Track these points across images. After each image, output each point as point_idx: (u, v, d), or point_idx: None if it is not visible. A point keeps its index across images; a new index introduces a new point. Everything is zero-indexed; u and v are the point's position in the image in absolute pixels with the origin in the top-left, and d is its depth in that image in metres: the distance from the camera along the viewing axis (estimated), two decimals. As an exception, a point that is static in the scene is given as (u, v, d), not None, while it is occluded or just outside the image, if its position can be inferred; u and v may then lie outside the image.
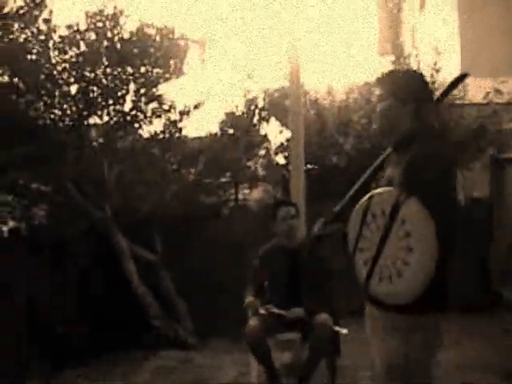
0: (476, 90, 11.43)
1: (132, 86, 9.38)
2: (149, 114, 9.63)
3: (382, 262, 3.24)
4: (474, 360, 7.53)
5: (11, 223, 9.69)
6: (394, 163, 3.53)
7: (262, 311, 5.93)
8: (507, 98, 11.03)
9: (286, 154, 10.90)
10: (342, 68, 13.58)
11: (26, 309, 8.79)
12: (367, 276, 3.31)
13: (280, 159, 11.57)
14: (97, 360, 8.70)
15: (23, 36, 8.79)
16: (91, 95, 9.14)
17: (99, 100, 9.21)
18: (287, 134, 10.58)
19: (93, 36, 9.10)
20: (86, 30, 9.06)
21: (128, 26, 9.27)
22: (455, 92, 11.31)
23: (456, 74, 12.35)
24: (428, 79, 10.85)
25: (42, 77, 8.83)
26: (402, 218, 3.16)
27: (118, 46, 9.16)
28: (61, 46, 8.97)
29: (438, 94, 11.44)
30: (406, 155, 3.34)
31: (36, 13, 8.72)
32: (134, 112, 9.51)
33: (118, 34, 9.17)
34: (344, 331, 6.05)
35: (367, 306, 3.55)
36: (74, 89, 9.17)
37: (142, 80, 9.37)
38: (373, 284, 3.29)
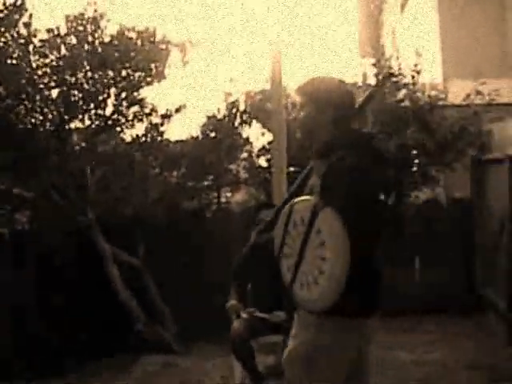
0: (457, 92, 11.48)
1: (113, 90, 9.36)
2: (130, 117, 9.61)
3: (302, 269, 3.30)
4: (461, 360, 7.56)
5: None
6: (316, 172, 3.55)
7: (244, 315, 5.93)
8: (488, 99, 11.08)
9: (268, 156, 10.90)
10: (323, 70, 13.61)
11: (10, 314, 8.75)
12: (290, 281, 3.37)
13: (262, 162, 11.57)
14: (82, 366, 8.67)
15: (3, 40, 8.74)
16: (72, 99, 9.11)
17: (80, 104, 9.18)
18: (269, 136, 10.59)
19: (73, 40, 9.07)
20: (67, 34, 9.03)
21: (109, 30, 9.25)
22: (437, 93, 11.38)
23: (437, 75, 12.39)
24: (409, 81, 10.86)
25: (23, 81, 8.78)
26: (318, 227, 3.21)
27: (99, 49, 9.13)
28: (41, 49, 8.94)
29: (417, 95, 11.36)
30: (325, 164, 3.34)
31: (16, 16, 8.68)
32: (115, 116, 9.48)
33: (99, 37, 9.14)
34: None
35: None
36: (54, 93, 9.14)
37: (124, 84, 9.35)
38: (295, 289, 3.35)
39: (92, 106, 9.26)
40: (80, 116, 9.28)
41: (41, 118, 9.17)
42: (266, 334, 6.00)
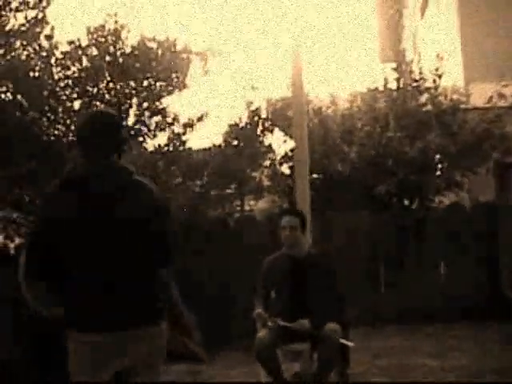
0: (479, 95, 11.42)
1: (135, 100, 9.40)
2: (152, 127, 9.64)
3: None
4: (488, 366, 7.48)
5: (17, 240, 9.69)
6: None
7: (269, 323, 5.92)
8: (510, 101, 11.00)
9: (291, 163, 10.89)
10: (345, 76, 13.59)
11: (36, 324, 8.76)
12: None
13: (285, 169, 11.57)
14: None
15: (25, 53, 8.81)
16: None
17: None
18: (291, 143, 10.58)
19: (95, 51, 9.13)
20: (88, 46, 9.09)
21: (129, 41, 9.29)
22: (459, 97, 11.33)
23: (459, 78, 12.31)
24: (431, 84, 10.84)
25: (45, 93, 8.84)
26: None
27: (120, 60, 9.18)
28: (63, 62, 9.00)
29: (439, 99, 11.33)
30: None
31: (37, 29, 8.75)
32: (137, 126, 9.52)
33: (120, 48, 9.19)
34: (350, 344, 6.04)
35: None
36: (77, 104, 9.19)
37: (145, 94, 9.39)
38: None
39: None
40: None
41: (63, 129, 9.23)
42: (291, 341, 5.99)
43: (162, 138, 9.83)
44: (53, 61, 8.95)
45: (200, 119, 9.90)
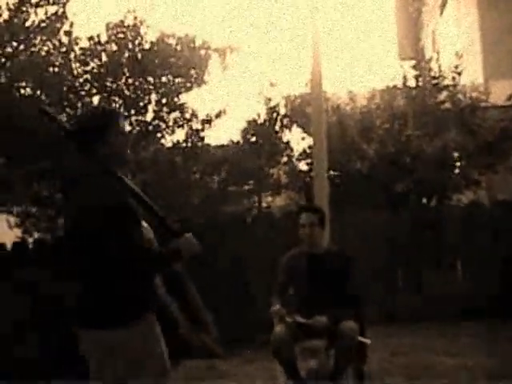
0: (499, 92, 11.37)
1: (154, 96, 9.43)
2: (171, 123, 9.67)
3: None
4: (505, 365, 7.45)
5: (36, 234, 9.75)
6: None
7: (288, 319, 5.91)
8: (531, 99, 10.96)
9: (309, 160, 10.88)
10: (364, 74, 13.56)
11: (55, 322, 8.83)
12: None
13: (303, 166, 11.56)
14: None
15: (45, 49, 8.85)
16: (113, 106, 9.18)
17: (121, 110, 9.25)
18: (309, 140, 10.56)
19: (114, 47, 9.16)
20: (107, 42, 9.12)
21: (149, 37, 9.32)
22: (478, 94, 11.27)
23: (478, 76, 12.27)
24: (450, 82, 10.80)
25: (65, 89, 8.88)
26: None
27: (139, 56, 9.20)
28: (82, 57, 9.04)
29: (458, 97, 11.28)
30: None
31: (57, 25, 8.79)
32: (156, 122, 9.54)
33: (139, 44, 9.22)
34: (367, 341, 6.03)
35: None
36: (96, 100, 9.22)
37: (164, 90, 9.41)
38: None
39: (133, 112, 9.33)
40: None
41: (82, 124, 9.26)
42: (307, 338, 5.99)
43: (180, 134, 9.85)
44: (72, 56, 9.00)
45: (218, 115, 9.92)
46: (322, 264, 6.15)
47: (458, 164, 11.30)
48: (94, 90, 9.15)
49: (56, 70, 8.90)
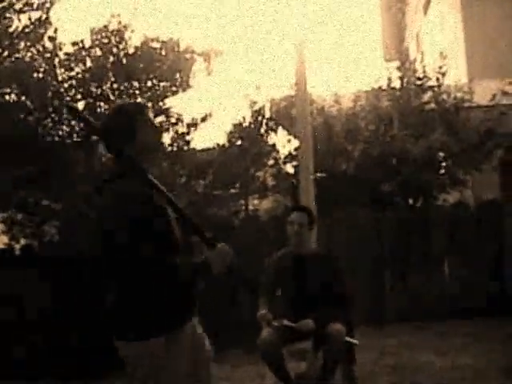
0: (482, 93, 11.42)
1: (139, 100, 9.41)
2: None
3: None
4: (493, 364, 7.48)
5: (22, 241, 9.72)
6: None
7: (275, 323, 5.91)
8: (514, 99, 11.02)
9: (295, 163, 10.90)
10: (348, 75, 13.59)
11: (39, 324, 8.81)
12: None
13: (289, 168, 11.57)
14: (113, 377, 8.68)
15: (29, 54, 8.83)
16: (98, 111, 9.17)
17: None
18: (295, 143, 10.58)
19: (98, 52, 9.15)
20: (92, 47, 9.11)
21: (133, 41, 9.31)
22: (462, 95, 11.33)
23: (462, 76, 12.32)
24: (434, 83, 10.84)
25: (50, 94, 8.86)
26: None
27: (124, 61, 9.19)
28: (67, 63, 9.02)
29: (443, 97, 11.31)
30: None
31: (41, 31, 8.78)
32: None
33: (124, 49, 9.21)
34: (355, 342, 6.05)
35: None
36: (81, 105, 9.21)
37: (149, 94, 9.41)
38: None
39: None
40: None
41: (68, 130, 9.25)
42: (295, 341, 5.99)
43: (166, 138, 9.85)
44: (56, 62, 8.98)
45: (204, 119, 9.92)
46: (308, 265, 6.15)
47: (444, 164, 11.35)
48: (79, 96, 9.13)
49: (40, 75, 8.88)
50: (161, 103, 9.57)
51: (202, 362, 3.61)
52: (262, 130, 11.09)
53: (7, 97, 8.94)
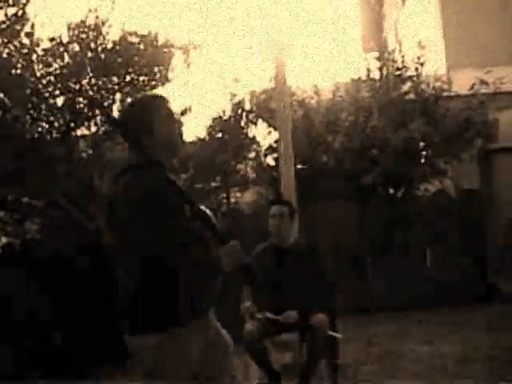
0: (462, 82, 11.47)
1: (118, 96, 9.37)
2: (136, 122, 9.62)
3: None
4: (476, 351, 7.54)
5: (3, 239, 9.67)
6: None
7: (258, 316, 5.93)
8: (493, 88, 11.06)
9: (276, 155, 10.90)
10: (327, 67, 13.57)
11: (23, 325, 8.78)
12: None
13: (270, 161, 11.57)
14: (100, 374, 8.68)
15: (6, 51, 8.76)
16: (78, 107, 9.13)
17: (86, 111, 9.20)
18: (276, 135, 10.58)
19: (76, 47, 9.08)
20: (69, 42, 9.04)
21: (111, 36, 9.26)
22: (441, 84, 11.37)
23: (441, 66, 12.29)
24: (413, 73, 10.85)
25: (28, 91, 8.80)
26: None
27: (102, 56, 9.14)
28: (45, 58, 8.95)
29: (422, 87, 11.32)
30: None
31: (18, 27, 8.70)
32: (121, 121, 9.49)
33: (102, 44, 9.15)
34: (338, 336, 6.08)
35: None
36: (60, 101, 9.16)
37: (128, 89, 9.36)
38: None
39: (97, 112, 9.28)
40: (86, 123, 9.29)
41: (47, 126, 9.20)
42: (279, 333, 6.01)
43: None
44: (34, 58, 8.91)
45: (183, 113, 9.89)
46: (290, 257, 6.18)
47: (424, 154, 11.39)
48: (58, 91, 9.08)
49: (18, 72, 8.82)
50: (140, 97, 9.53)
51: (217, 358, 3.53)
52: (242, 123, 11.07)
53: (-15, 94, 8.89)
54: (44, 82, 9.01)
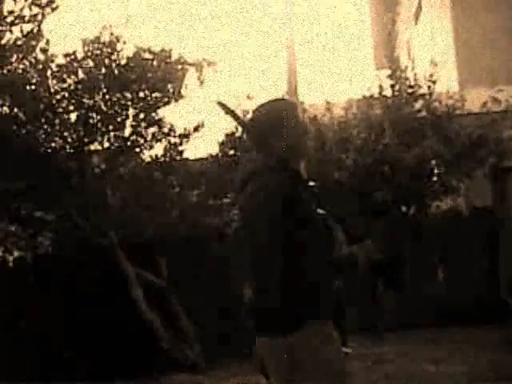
0: (474, 100, 11.47)
1: (131, 111, 9.42)
2: (149, 138, 9.67)
3: None
4: (487, 372, 7.49)
5: (16, 253, 9.72)
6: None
7: None
8: (505, 106, 11.06)
9: (288, 172, 10.89)
10: (340, 84, 13.62)
11: (37, 338, 8.81)
12: None
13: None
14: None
15: (21, 66, 8.83)
16: (91, 122, 9.19)
17: (99, 126, 9.25)
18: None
19: (90, 63, 9.15)
20: (84, 58, 9.11)
21: (125, 52, 9.32)
22: (454, 102, 11.37)
23: (453, 84, 12.32)
24: (426, 91, 10.84)
25: (42, 106, 8.86)
26: None
27: (116, 72, 9.20)
28: (59, 74, 9.02)
29: (434, 105, 11.32)
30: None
31: (33, 43, 8.77)
32: (134, 137, 9.54)
33: (116, 60, 9.21)
34: (348, 351, 6.07)
35: None
36: (73, 116, 9.21)
37: (141, 105, 9.42)
38: None
39: (111, 127, 9.33)
40: (99, 138, 9.35)
41: (60, 141, 9.25)
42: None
43: (158, 149, 9.85)
44: (49, 73, 8.97)
45: (196, 129, 9.93)
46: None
47: (436, 171, 11.38)
48: (72, 107, 9.14)
49: (33, 87, 8.88)
50: (153, 114, 9.57)
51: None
52: (255, 140, 11.09)
53: (0, 109, 8.94)
54: (58, 97, 9.07)
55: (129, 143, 9.53)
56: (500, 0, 14.17)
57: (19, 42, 8.69)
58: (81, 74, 9.09)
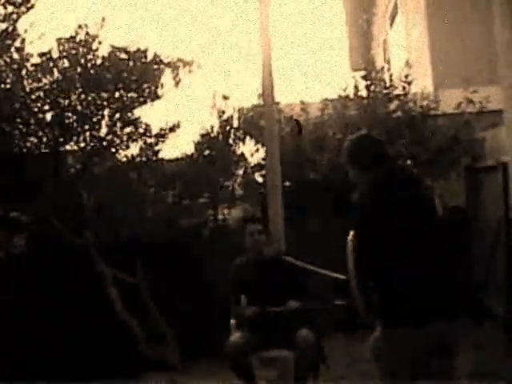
0: (448, 101, 11.56)
1: (107, 111, 9.40)
2: (125, 138, 9.65)
3: None
4: (462, 369, 7.53)
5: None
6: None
7: (255, 309, 5.95)
8: (479, 107, 11.16)
9: (263, 172, 10.93)
10: (316, 84, 13.67)
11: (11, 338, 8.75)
12: None
13: (258, 177, 11.60)
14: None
15: (-4, 65, 8.79)
16: (66, 122, 9.15)
17: (75, 126, 9.22)
18: (263, 152, 10.62)
19: (66, 63, 9.12)
20: (59, 58, 9.07)
21: (101, 52, 9.29)
22: (428, 103, 11.44)
23: (428, 85, 12.40)
24: (400, 91, 10.92)
25: (17, 105, 8.82)
26: None
27: (92, 71, 9.17)
28: (34, 74, 8.98)
29: (409, 105, 11.40)
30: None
31: (8, 42, 8.73)
32: (109, 137, 9.52)
33: (91, 59, 9.19)
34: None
35: None
36: (49, 116, 9.18)
37: (117, 105, 9.39)
38: None
39: (86, 127, 9.30)
40: (75, 138, 9.32)
41: (36, 141, 9.21)
42: (265, 348, 6.02)
43: (134, 149, 9.84)
44: (24, 73, 8.94)
45: (172, 129, 9.92)
46: (270, 270, 6.24)
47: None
48: (47, 107, 9.10)
49: (8, 86, 8.84)
50: (129, 114, 9.55)
51: None
52: (230, 140, 11.11)
53: (-26, 108, 8.90)
54: (33, 96, 9.03)
55: (104, 143, 9.51)
56: (474, 1, 14.26)
57: (-7, 41, 8.66)
58: (56, 74, 9.06)
